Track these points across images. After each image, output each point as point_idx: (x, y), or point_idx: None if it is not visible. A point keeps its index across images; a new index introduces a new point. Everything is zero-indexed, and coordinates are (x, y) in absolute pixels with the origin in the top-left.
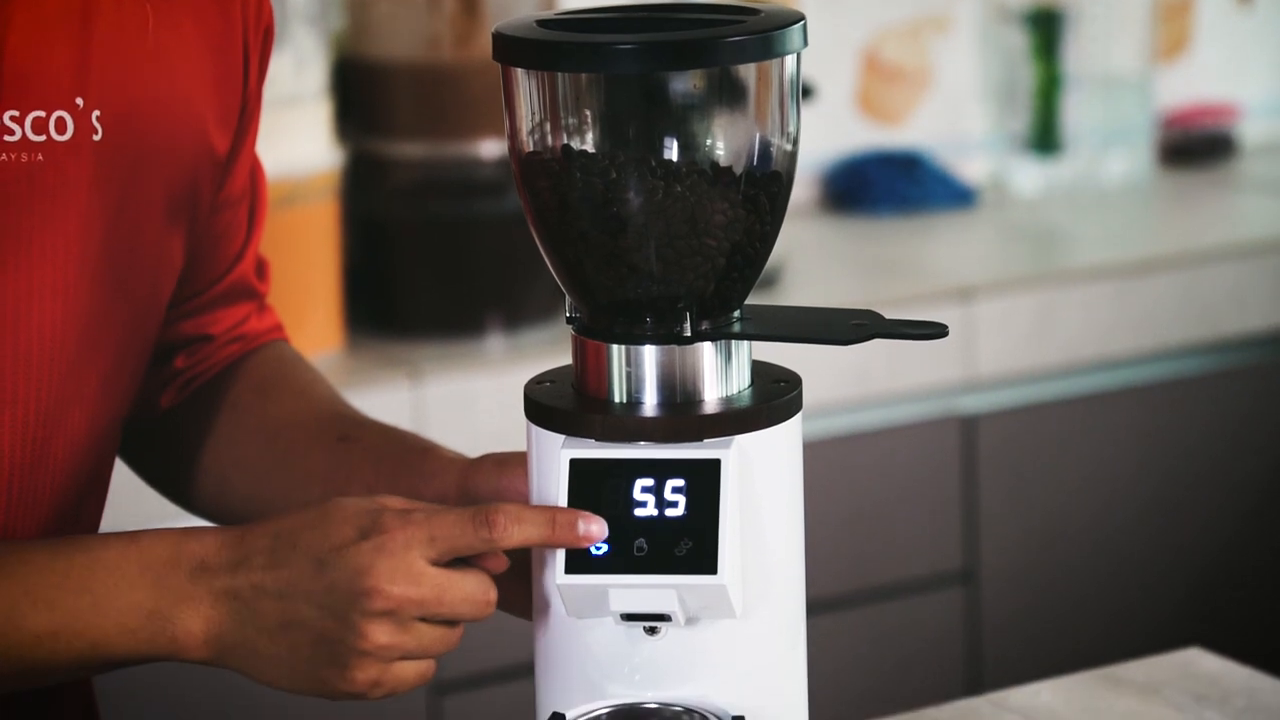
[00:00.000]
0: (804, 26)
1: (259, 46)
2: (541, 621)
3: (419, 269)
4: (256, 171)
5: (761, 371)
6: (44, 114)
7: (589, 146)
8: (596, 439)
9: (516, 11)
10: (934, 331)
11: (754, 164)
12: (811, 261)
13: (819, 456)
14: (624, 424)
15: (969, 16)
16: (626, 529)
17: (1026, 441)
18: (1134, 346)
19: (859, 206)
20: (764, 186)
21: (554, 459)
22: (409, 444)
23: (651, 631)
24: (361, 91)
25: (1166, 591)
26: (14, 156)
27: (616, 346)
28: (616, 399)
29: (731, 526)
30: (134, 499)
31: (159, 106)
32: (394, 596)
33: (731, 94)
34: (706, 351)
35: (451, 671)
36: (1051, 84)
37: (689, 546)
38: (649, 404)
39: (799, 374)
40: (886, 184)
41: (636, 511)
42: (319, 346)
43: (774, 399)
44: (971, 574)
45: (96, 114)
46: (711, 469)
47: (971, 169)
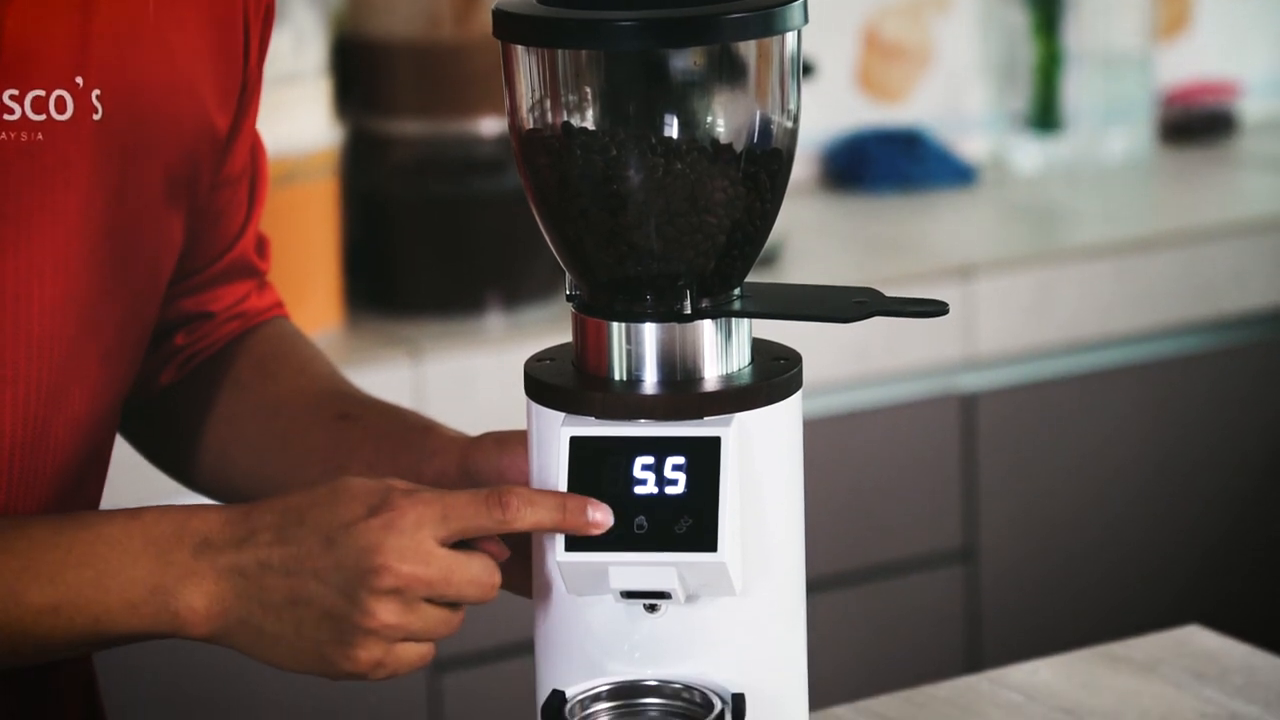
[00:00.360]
0: (804, 4)
1: (259, 25)
2: (542, 599)
3: (419, 247)
4: (257, 150)
5: (761, 349)
6: (44, 93)
7: (589, 124)
8: (597, 417)
9: None
10: (934, 309)
11: (754, 141)
12: (811, 239)
13: (819, 435)
14: (624, 402)
15: None
16: (627, 506)
17: (1026, 419)
18: (1134, 324)
19: (859, 184)
20: (764, 164)
21: (554, 437)
22: (409, 422)
23: (651, 609)
24: (361, 69)
25: (1165, 569)
26: (13, 136)
27: (617, 324)
28: (617, 377)
29: (731, 504)
30: (134, 478)
31: (159, 85)
32: (403, 575)
33: (732, 71)
34: (706, 329)
35: (451, 649)
36: (1052, 61)
37: (689, 524)
38: (649, 382)
39: (799, 352)
40: (887, 162)
41: (636, 489)
42: (319, 324)
43: (774, 377)
44: (971, 552)
45: (96, 93)
46: (712, 447)
47: (972, 147)
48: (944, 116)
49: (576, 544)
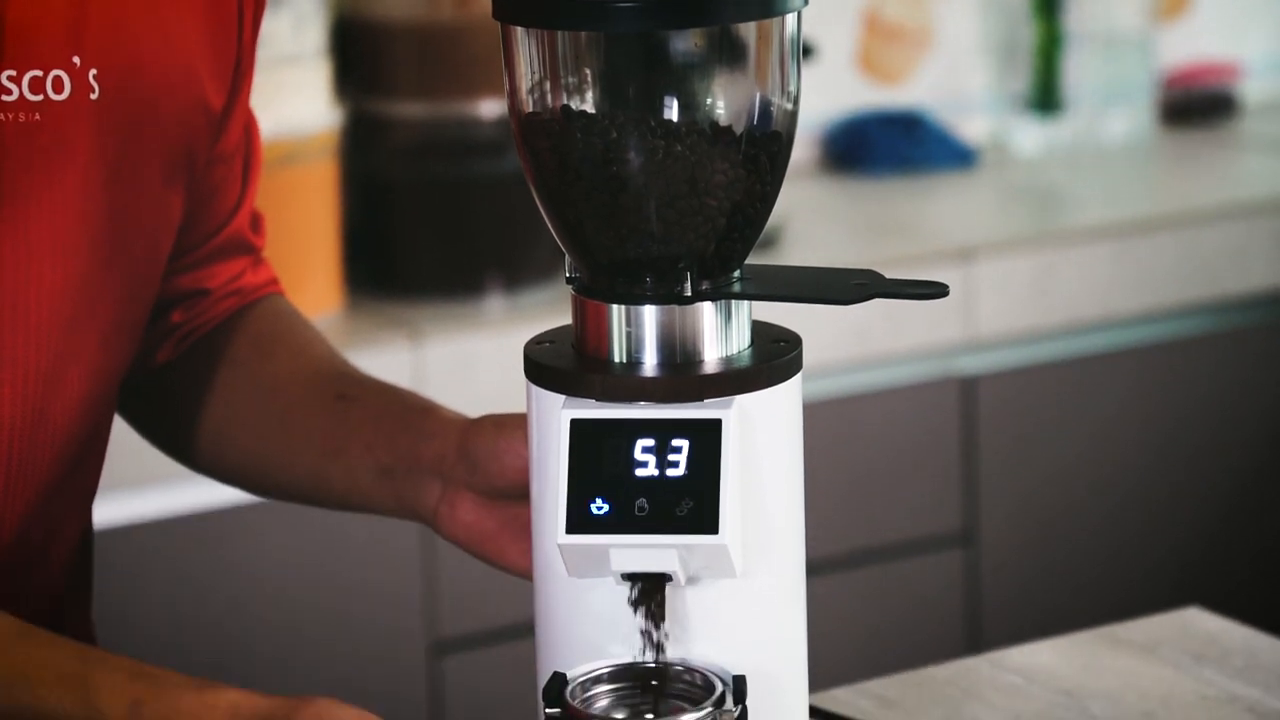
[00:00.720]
0: None
1: (253, 0)
2: (542, 582)
3: (419, 229)
4: (251, 126)
5: (761, 331)
6: (41, 73)
7: (589, 106)
8: (597, 399)
9: None
10: (934, 291)
11: (754, 124)
12: (812, 222)
13: (819, 417)
14: (624, 384)
15: None
16: (627, 489)
17: (1026, 402)
18: (1134, 306)
19: (859, 166)
20: (764, 146)
21: (554, 419)
22: (408, 403)
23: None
24: (361, 51)
25: (1166, 551)
26: (11, 116)
27: (617, 306)
28: (616, 359)
29: (732, 486)
30: (133, 459)
31: (155, 64)
32: None
33: (732, 53)
34: (707, 311)
35: (451, 631)
36: (1052, 43)
37: (690, 506)
38: (649, 364)
39: (799, 334)
40: (887, 144)
41: (637, 471)
42: (318, 307)
43: (774, 359)
44: (971, 534)
45: (93, 73)
46: (712, 429)
47: (972, 129)
48: (944, 98)
49: (577, 526)
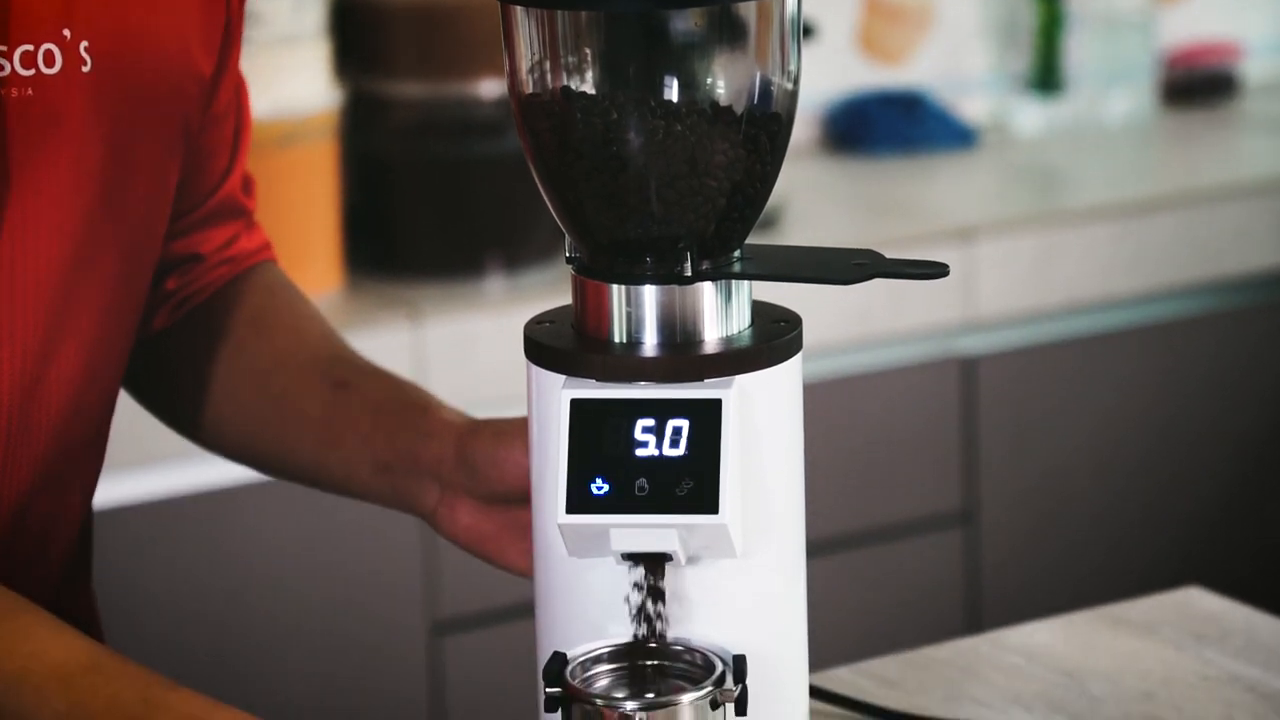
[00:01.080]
0: None
1: None
2: (542, 562)
3: (419, 209)
4: (241, 89)
5: (762, 311)
6: (32, 47)
7: (589, 86)
8: (597, 379)
9: None
10: (934, 271)
11: (754, 104)
12: (812, 202)
13: (819, 397)
14: (624, 364)
15: None
16: (628, 469)
17: (1027, 382)
18: (1135, 286)
19: (860, 147)
20: (764, 126)
21: (554, 399)
22: (408, 398)
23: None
24: (360, 30)
25: (1166, 531)
26: (3, 92)
27: (617, 286)
28: (617, 339)
29: (733, 466)
30: (131, 441)
31: (145, 33)
32: None
33: (732, 32)
34: (707, 291)
35: (451, 611)
36: (1053, 23)
37: (690, 486)
38: (649, 344)
39: (799, 314)
40: (887, 124)
41: (637, 451)
42: (318, 287)
43: (774, 339)
44: (971, 515)
45: (84, 45)
46: (713, 409)
47: (972, 109)
48: (945, 78)
49: (577, 506)
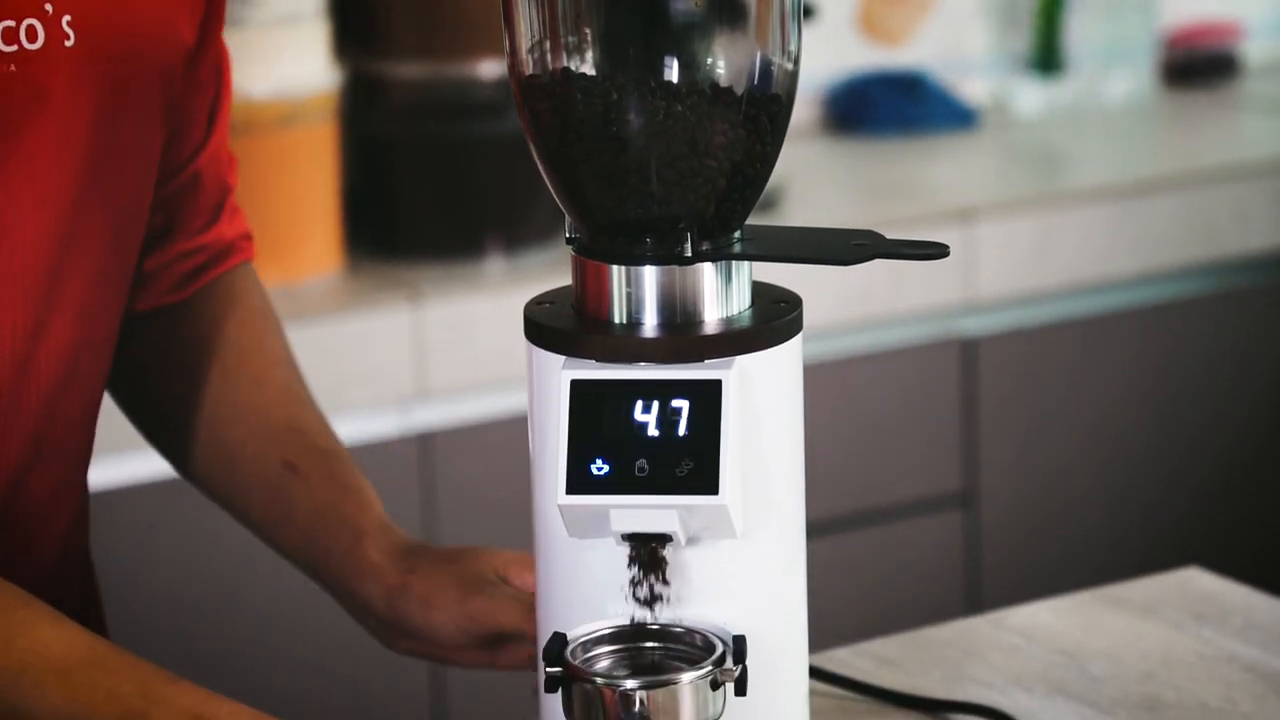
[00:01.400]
0: None
1: None
2: (542, 542)
3: (418, 190)
4: (223, 61)
5: (762, 292)
6: (13, 23)
7: (589, 67)
8: (597, 360)
9: None
10: (935, 251)
11: (755, 84)
12: (812, 182)
13: (819, 378)
14: (625, 345)
15: None
16: (628, 449)
17: (1026, 363)
18: (1135, 267)
19: (860, 127)
20: (765, 107)
21: (554, 380)
22: (342, 515)
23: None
24: (360, 11)
25: (1165, 512)
26: None
27: (617, 267)
28: (617, 320)
29: (733, 447)
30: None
31: (127, 5)
32: None
33: (732, 13)
34: (707, 272)
35: None
36: (1053, 3)
37: (690, 467)
38: (649, 325)
39: (799, 295)
40: (887, 105)
41: (637, 432)
42: (318, 269)
43: (774, 319)
44: (971, 495)
45: (67, 19)
46: (713, 389)
47: (973, 89)
48: (945, 59)
49: (578, 486)
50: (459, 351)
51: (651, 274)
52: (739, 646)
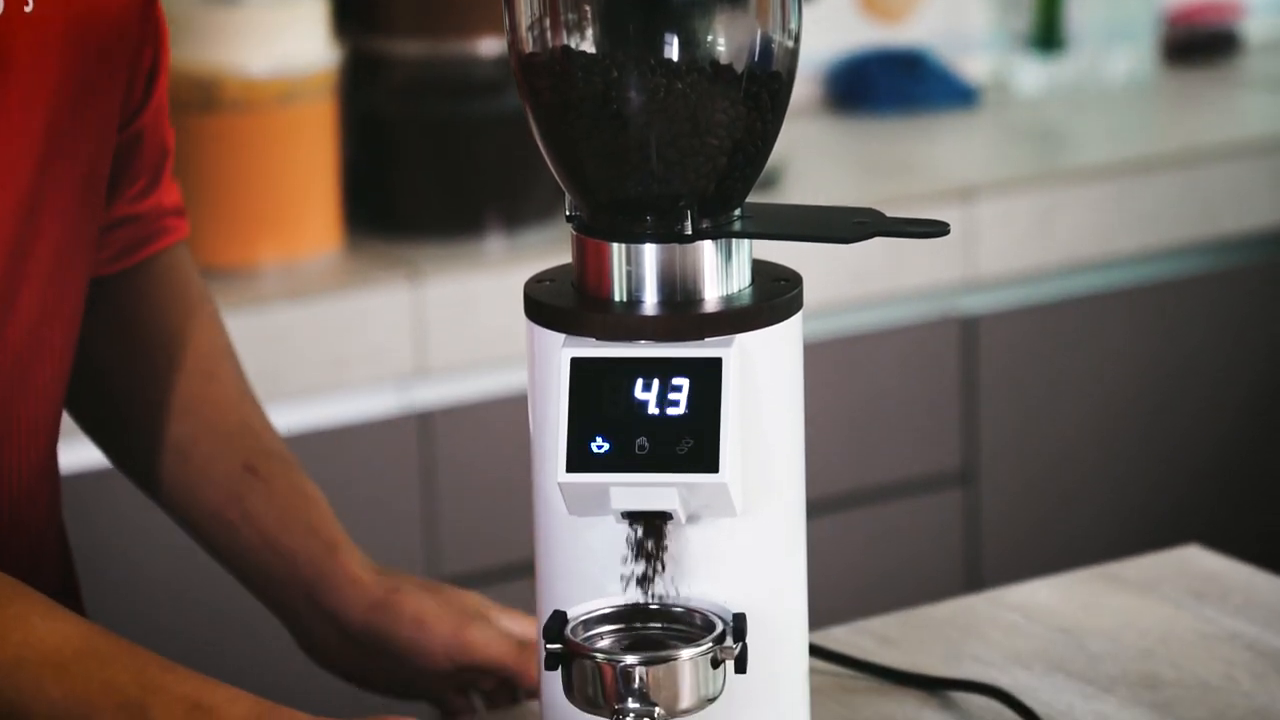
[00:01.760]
0: None
1: None
2: (542, 520)
3: (418, 168)
4: (160, 19)
5: (762, 270)
6: None
7: (589, 45)
8: (597, 338)
9: None
10: (935, 229)
11: (755, 62)
12: (813, 161)
13: (819, 357)
14: (625, 323)
15: None
16: (628, 428)
17: (1027, 341)
18: (1136, 246)
19: (860, 105)
20: (765, 85)
21: (554, 358)
22: (310, 524)
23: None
24: None
25: (1165, 490)
26: None
27: (617, 245)
28: (617, 298)
29: (733, 425)
30: None
31: None
32: None
33: None
34: (707, 250)
35: (451, 570)
36: None
37: (690, 445)
38: (649, 303)
39: (800, 273)
40: (888, 83)
41: (638, 410)
42: (317, 247)
43: (775, 298)
44: (970, 474)
45: None
46: (713, 367)
47: (974, 67)
48: (946, 37)
49: (577, 465)
50: (459, 330)
51: (651, 252)
52: (739, 625)
